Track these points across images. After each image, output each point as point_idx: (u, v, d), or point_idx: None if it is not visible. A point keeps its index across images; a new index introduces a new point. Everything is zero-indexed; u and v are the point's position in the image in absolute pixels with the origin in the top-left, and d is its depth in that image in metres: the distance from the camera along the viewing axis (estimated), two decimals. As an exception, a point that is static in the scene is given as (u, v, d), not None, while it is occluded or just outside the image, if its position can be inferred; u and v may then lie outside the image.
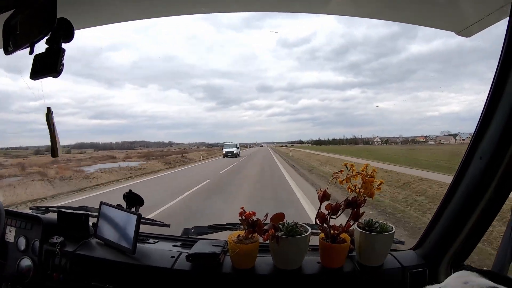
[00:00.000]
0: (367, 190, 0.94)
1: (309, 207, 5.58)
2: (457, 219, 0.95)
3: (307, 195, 6.82)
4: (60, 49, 0.89)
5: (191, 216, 5.36)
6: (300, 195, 6.99)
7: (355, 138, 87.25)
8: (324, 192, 0.95)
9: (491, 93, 0.82)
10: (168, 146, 58.98)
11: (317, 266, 1.01)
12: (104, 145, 48.36)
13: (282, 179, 10.52)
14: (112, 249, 1.13)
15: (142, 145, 53.71)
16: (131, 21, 1.28)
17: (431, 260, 1.03)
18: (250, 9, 1.20)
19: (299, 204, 6.07)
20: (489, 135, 0.84)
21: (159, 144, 59.66)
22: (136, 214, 1.09)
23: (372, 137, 79.92)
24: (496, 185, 0.84)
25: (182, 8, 1.19)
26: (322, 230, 0.99)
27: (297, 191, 7.68)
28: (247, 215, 0.96)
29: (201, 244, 1.08)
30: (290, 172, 12.97)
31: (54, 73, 0.89)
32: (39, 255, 1.18)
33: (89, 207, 1.38)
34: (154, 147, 51.96)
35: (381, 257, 1.01)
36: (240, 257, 0.97)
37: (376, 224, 1.01)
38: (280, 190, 8.14)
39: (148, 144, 57.05)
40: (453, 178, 0.96)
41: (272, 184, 9.42)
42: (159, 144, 59.79)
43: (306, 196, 6.79)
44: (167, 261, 1.05)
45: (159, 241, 1.25)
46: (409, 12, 1.07)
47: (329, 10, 1.14)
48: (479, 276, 0.57)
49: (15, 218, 1.30)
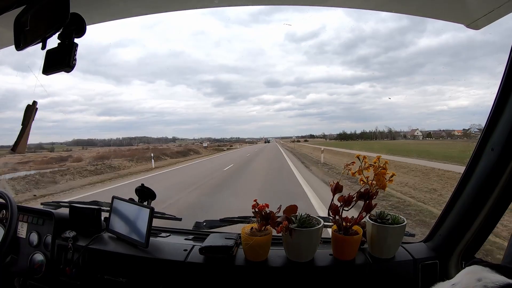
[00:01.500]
0: (379, 182, 0.95)
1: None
2: (468, 212, 0.95)
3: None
4: (72, 43, 0.89)
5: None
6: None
7: (390, 132, 69.31)
8: (337, 184, 0.96)
9: (502, 85, 0.83)
10: (171, 142, 55.98)
11: (329, 258, 1.02)
12: (104, 142, 46.28)
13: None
14: (125, 243, 1.14)
15: (143, 141, 50.96)
16: (140, 16, 1.29)
17: (442, 253, 1.03)
18: (258, 2, 1.20)
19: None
20: (500, 127, 0.84)
21: (161, 140, 56.31)
22: (149, 208, 1.10)
23: (410, 130, 63.33)
24: (507, 177, 0.84)
25: (191, 2, 1.19)
26: (335, 222, 1.00)
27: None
28: (260, 207, 0.96)
29: (213, 237, 1.09)
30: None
31: (67, 67, 0.89)
32: (52, 250, 1.19)
33: (100, 202, 1.39)
34: (156, 143, 49.49)
35: (393, 249, 1.02)
36: (253, 250, 0.98)
37: (388, 216, 1.01)
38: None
39: (149, 140, 53.99)
40: (464, 170, 0.96)
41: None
42: (162, 140, 56.43)
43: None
44: (180, 254, 1.06)
45: (171, 235, 1.26)
46: (418, 4, 1.07)
47: (337, 2, 1.14)
48: (492, 272, 0.55)
49: (26, 213, 1.31)
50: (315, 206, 5.08)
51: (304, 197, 5.95)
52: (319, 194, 6.09)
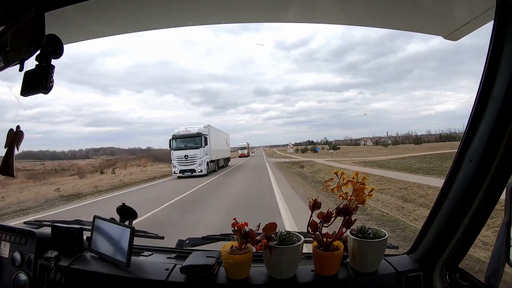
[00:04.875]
0: (359, 197, 0.94)
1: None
2: (450, 222, 0.95)
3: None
4: (49, 65, 0.89)
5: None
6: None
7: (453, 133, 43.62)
8: (315, 201, 0.95)
9: (479, 95, 0.82)
10: (144, 152, 43.05)
11: (311, 274, 1.01)
12: (55, 154, 37.31)
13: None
14: (107, 263, 1.13)
15: (107, 152, 42.56)
16: (120, 34, 1.28)
17: (426, 264, 1.03)
18: (249, 20, 1.21)
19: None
20: (478, 138, 0.84)
21: (132, 151, 43.83)
22: (129, 228, 1.09)
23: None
24: (487, 187, 0.84)
25: (174, 21, 1.19)
26: (315, 239, 0.99)
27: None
28: (240, 225, 0.96)
29: (195, 255, 1.08)
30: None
31: (44, 89, 0.89)
32: (34, 270, 1.18)
33: (83, 221, 1.38)
34: (125, 154, 39.11)
35: (375, 263, 1.02)
36: (234, 268, 0.97)
37: (369, 230, 1.01)
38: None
39: (116, 151, 44.08)
40: (444, 181, 0.96)
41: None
42: (132, 151, 43.87)
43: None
44: (162, 274, 1.05)
45: (154, 254, 1.25)
46: (397, 19, 1.08)
47: (320, 20, 1.15)
48: None
49: (9, 233, 1.30)
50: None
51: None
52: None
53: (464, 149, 0.88)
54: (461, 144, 0.89)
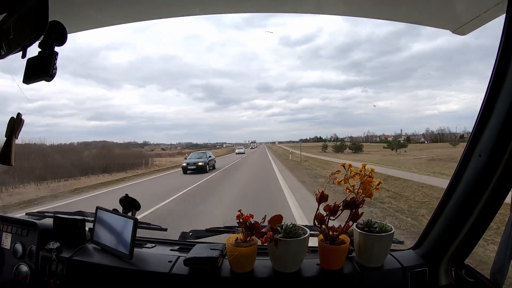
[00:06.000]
0: (366, 191, 0.93)
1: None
2: (457, 218, 0.94)
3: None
4: (52, 52, 0.87)
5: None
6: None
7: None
8: (322, 193, 0.94)
9: (489, 90, 0.81)
10: (140, 147, 38.51)
11: (316, 268, 1.00)
12: (56, 147, 29.35)
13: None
14: (109, 255, 1.11)
15: (98, 146, 35.75)
16: (125, 23, 1.26)
17: (431, 260, 1.02)
18: (254, 10, 1.19)
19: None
20: (488, 132, 0.83)
21: (128, 145, 37.90)
22: (132, 219, 1.08)
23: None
24: (495, 183, 0.83)
25: (181, 9, 1.17)
26: (321, 232, 0.98)
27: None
28: (245, 218, 0.94)
29: (199, 248, 1.07)
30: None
31: (47, 76, 0.88)
32: (36, 261, 1.17)
33: (85, 212, 1.37)
34: (120, 149, 30.58)
35: (381, 258, 1.00)
36: (239, 261, 0.96)
37: (376, 224, 1.00)
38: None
39: (108, 145, 35.46)
40: (452, 176, 0.95)
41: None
42: (128, 145, 38.04)
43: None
44: (165, 266, 1.04)
45: (157, 246, 1.24)
46: (405, 11, 1.07)
47: (325, 10, 1.14)
48: None
49: (10, 224, 1.29)
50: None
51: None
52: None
53: (474, 143, 0.87)
54: (471, 138, 0.88)
